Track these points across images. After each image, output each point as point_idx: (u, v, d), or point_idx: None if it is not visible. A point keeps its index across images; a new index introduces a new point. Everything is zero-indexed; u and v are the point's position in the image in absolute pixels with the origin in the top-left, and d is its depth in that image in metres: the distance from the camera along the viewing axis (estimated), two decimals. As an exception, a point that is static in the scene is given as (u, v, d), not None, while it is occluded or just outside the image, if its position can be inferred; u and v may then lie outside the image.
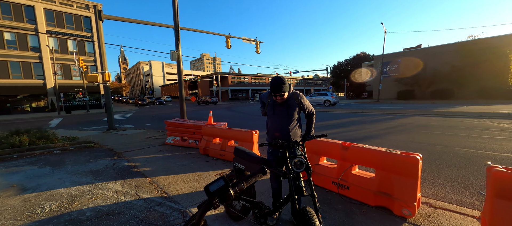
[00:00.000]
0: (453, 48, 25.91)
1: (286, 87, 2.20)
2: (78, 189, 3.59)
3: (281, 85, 2.14)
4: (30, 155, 5.74)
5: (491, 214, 2.10)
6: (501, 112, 11.30)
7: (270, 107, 2.42)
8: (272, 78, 2.24)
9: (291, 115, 2.36)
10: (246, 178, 1.20)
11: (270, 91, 2.24)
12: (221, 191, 1.02)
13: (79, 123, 14.54)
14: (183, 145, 6.38)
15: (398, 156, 2.64)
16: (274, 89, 2.16)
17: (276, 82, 2.16)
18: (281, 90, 2.15)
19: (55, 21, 27.18)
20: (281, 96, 2.21)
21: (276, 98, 2.23)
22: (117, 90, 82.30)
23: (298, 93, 2.40)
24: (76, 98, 29.48)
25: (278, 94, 2.17)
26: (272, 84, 2.18)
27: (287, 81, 2.24)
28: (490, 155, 4.79)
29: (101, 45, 9.50)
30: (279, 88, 2.15)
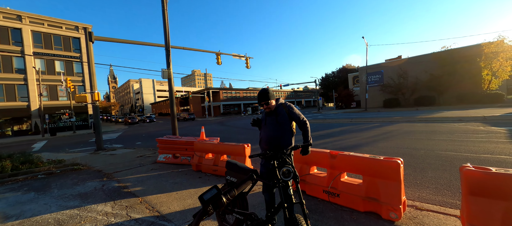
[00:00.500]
0: (430, 58, 27.77)
1: (271, 95, 2.43)
2: (66, 214, 3.46)
3: (266, 94, 2.39)
4: (13, 181, 5.47)
5: (467, 211, 2.26)
6: (477, 116, 12.05)
7: (262, 119, 2.60)
8: (259, 91, 2.49)
9: (281, 125, 2.46)
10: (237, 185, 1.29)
11: (258, 102, 2.47)
12: (214, 199, 1.11)
13: (65, 145, 13.97)
14: (175, 162, 6.31)
15: (382, 162, 2.81)
16: (260, 99, 2.42)
17: (261, 92, 2.44)
18: (267, 98, 2.39)
19: (42, 42, 26.87)
20: (267, 104, 2.43)
21: (263, 107, 2.46)
22: (106, 109, 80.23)
23: (287, 103, 2.55)
24: (62, 119, 28.45)
25: (263, 102, 2.41)
26: (259, 95, 2.45)
27: (274, 92, 2.47)
28: (469, 157, 5.09)
29: (91, 65, 9.51)
30: (265, 96, 2.39)
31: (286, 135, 2.48)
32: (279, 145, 2.43)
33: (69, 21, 28.36)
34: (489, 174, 2.14)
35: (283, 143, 2.45)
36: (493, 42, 22.62)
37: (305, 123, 2.50)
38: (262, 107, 2.48)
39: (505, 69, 22.12)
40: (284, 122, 2.46)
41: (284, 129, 2.47)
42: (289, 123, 2.49)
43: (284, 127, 2.46)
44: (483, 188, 2.17)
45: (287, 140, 2.48)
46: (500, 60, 22.05)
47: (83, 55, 28.78)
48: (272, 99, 2.44)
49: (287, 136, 2.48)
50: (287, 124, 2.48)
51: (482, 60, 23.25)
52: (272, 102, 2.45)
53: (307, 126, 2.50)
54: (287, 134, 2.48)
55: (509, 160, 4.65)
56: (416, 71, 28.40)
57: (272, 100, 2.45)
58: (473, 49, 24.64)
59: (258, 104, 2.52)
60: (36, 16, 26.18)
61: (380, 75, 32.32)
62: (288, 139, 2.49)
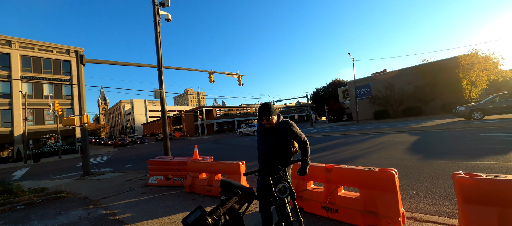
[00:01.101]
0: (412, 70, 29.32)
1: (273, 111, 2.38)
2: (45, 248, 3.17)
3: (268, 109, 2.34)
4: (-13, 214, 5.02)
5: (464, 219, 2.26)
6: (463, 123, 12.52)
7: (260, 135, 2.52)
8: (260, 104, 2.44)
9: (282, 142, 2.42)
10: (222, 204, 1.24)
11: (259, 116, 2.41)
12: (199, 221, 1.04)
13: (49, 172, 13.19)
14: (167, 184, 6.05)
15: (377, 173, 2.81)
16: (262, 113, 2.35)
17: (264, 106, 2.37)
18: (269, 114, 2.33)
19: (31, 66, 26.49)
20: (268, 120, 2.37)
21: (264, 122, 2.40)
22: (95, 131, 77.71)
23: (288, 121, 2.50)
24: (48, 144, 27.17)
25: (264, 117, 2.35)
26: (260, 109, 2.38)
27: (275, 108, 2.45)
28: (460, 164, 5.18)
29: (81, 88, 9.37)
30: (266, 111, 2.33)
31: (287, 154, 2.45)
32: (278, 164, 2.36)
33: (60, 45, 28.40)
34: (480, 181, 2.18)
35: (282, 162, 2.40)
36: (468, 54, 24.32)
37: (306, 143, 2.45)
38: (263, 122, 2.42)
39: (482, 78, 23.57)
40: (285, 141, 2.42)
41: (284, 148, 2.43)
42: (289, 142, 2.46)
43: (284, 147, 2.43)
44: (477, 195, 2.19)
45: (287, 160, 2.43)
46: (477, 70, 23.56)
47: (73, 77, 28.46)
48: (274, 115, 2.39)
49: (287, 155, 2.45)
50: (287, 143, 2.44)
51: (460, 71, 24.77)
52: (274, 118, 2.40)
53: (307, 147, 2.46)
54: (287, 153, 2.45)
55: (498, 165, 4.77)
56: (401, 83, 29.74)
57: (274, 116, 2.39)
58: (451, 61, 26.31)
59: (259, 119, 2.46)
60: (27, 41, 26.09)
61: (368, 88, 33.52)
62: (288, 158, 2.45)
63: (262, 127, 2.52)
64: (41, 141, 26.95)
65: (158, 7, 9.20)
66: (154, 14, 9.17)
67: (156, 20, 9.16)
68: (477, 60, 23.56)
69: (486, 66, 23.20)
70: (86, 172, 9.44)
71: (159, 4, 9.23)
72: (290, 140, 2.46)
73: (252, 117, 61.83)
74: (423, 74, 28.01)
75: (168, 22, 9.68)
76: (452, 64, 25.80)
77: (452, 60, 26.30)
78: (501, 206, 2.06)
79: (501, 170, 4.47)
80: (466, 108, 14.25)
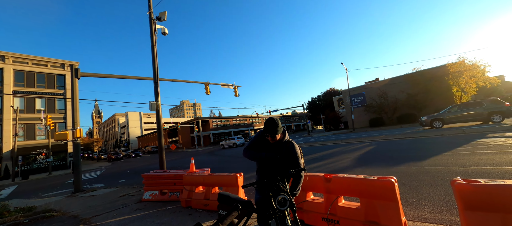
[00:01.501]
0: (404, 79, 30.13)
1: (280, 129, 2.29)
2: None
3: (275, 128, 2.25)
4: (-32, 237, 4.72)
5: (467, 227, 2.22)
6: (457, 129, 12.73)
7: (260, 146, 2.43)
8: (268, 118, 2.36)
9: (282, 164, 2.34)
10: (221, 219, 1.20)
11: (264, 131, 2.32)
12: None
13: (38, 189, 12.64)
14: (162, 199, 5.85)
15: (376, 182, 2.79)
16: (268, 130, 2.25)
17: (271, 123, 2.26)
18: (275, 132, 2.25)
19: (24, 81, 26.13)
20: (273, 138, 2.30)
21: (268, 138, 2.32)
22: (88, 145, 75.85)
23: (293, 143, 2.36)
24: (38, 160, 26.25)
25: (269, 134, 2.27)
26: (267, 125, 2.27)
27: (282, 126, 2.34)
28: (458, 170, 5.20)
29: (75, 101, 9.24)
30: (273, 130, 2.24)
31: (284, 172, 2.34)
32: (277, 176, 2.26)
33: (55, 59, 28.25)
34: (479, 187, 2.17)
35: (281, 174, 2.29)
36: (456, 62, 25.24)
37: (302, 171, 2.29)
38: (267, 137, 2.33)
39: (471, 85, 24.34)
40: (285, 163, 2.36)
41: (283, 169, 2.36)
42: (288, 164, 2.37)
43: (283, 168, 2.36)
44: (477, 202, 2.17)
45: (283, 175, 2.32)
46: (465, 77, 24.37)
47: (67, 91, 28.12)
48: (280, 133, 2.30)
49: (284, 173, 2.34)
50: (287, 164, 2.38)
51: (450, 79, 25.58)
52: (278, 137, 2.32)
53: (302, 174, 2.34)
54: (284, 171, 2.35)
55: (495, 170, 4.81)
56: (394, 91, 30.40)
57: (279, 134, 2.31)
58: (440, 69, 27.21)
59: (264, 133, 2.35)
60: (21, 55, 25.92)
61: (362, 97, 34.09)
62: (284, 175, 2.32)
63: (264, 139, 2.43)
64: (31, 157, 26.04)
65: (154, 21, 9.34)
66: (150, 28, 9.30)
67: (152, 34, 9.27)
68: (465, 68, 24.44)
69: (473, 73, 24.05)
70: (78, 188, 9.08)
71: (156, 19, 9.38)
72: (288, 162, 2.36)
73: (248, 127, 61.65)
74: (414, 82, 28.81)
75: (164, 35, 9.81)
76: (442, 72, 26.68)
77: (441, 68, 27.21)
78: (503, 212, 2.04)
79: (497, 175, 4.50)
80: (428, 118, 15.87)
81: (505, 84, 39.32)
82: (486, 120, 13.69)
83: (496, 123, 13.07)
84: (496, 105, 13.50)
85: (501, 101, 13.55)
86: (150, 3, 9.36)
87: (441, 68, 27.21)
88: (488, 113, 13.49)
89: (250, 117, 63.90)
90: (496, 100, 13.79)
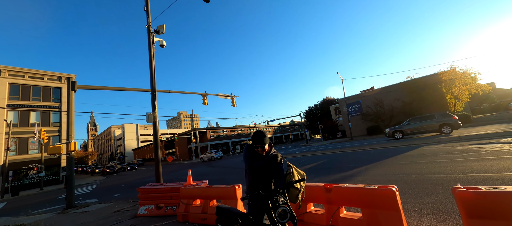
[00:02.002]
0: (398, 87, 30.70)
1: (267, 140, 2.39)
2: None
3: (262, 138, 2.34)
4: (-50, 260, 4.44)
5: (471, 236, 2.17)
6: (453, 136, 12.84)
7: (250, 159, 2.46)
8: (255, 131, 2.46)
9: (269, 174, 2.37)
10: None
11: (253, 143, 2.40)
12: None
13: (28, 206, 12.13)
14: (158, 214, 5.65)
15: (377, 191, 2.74)
16: (257, 141, 2.34)
17: (259, 134, 2.37)
18: (262, 143, 2.33)
19: (20, 94, 25.83)
20: (262, 148, 2.37)
21: (258, 149, 2.38)
22: (82, 159, 74.16)
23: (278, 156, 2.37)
24: (29, 175, 25.42)
25: (259, 145, 2.34)
26: (255, 137, 2.37)
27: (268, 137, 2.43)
28: (457, 177, 5.18)
29: (71, 114, 9.12)
30: (260, 140, 2.33)
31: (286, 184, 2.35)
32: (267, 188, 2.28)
33: (52, 72, 28.16)
34: (480, 194, 2.15)
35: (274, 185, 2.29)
36: (448, 70, 25.93)
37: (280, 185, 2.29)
38: (257, 149, 2.39)
39: (464, 92, 24.88)
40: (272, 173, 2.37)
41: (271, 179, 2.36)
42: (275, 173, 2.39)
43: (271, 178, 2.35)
44: (480, 209, 2.14)
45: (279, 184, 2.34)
46: (458, 85, 24.94)
47: (63, 104, 27.82)
48: (267, 143, 2.40)
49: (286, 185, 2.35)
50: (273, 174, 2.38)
51: (443, 86, 26.14)
52: (266, 147, 2.41)
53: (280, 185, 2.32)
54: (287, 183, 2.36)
55: (494, 177, 4.80)
56: (389, 99, 30.83)
57: (266, 145, 2.40)
58: (433, 77, 27.86)
59: (253, 145, 2.44)
60: (17, 69, 25.82)
61: (359, 105, 34.45)
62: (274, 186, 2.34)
63: (253, 151, 2.48)
64: (23, 172, 25.21)
65: (153, 34, 9.48)
66: (148, 40, 9.41)
67: (150, 46, 9.37)
68: (456, 76, 25.09)
69: (465, 81, 24.66)
70: (70, 204, 8.75)
71: (154, 32, 9.53)
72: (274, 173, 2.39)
73: (246, 137, 61.25)
74: (409, 90, 29.34)
75: (162, 48, 9.92)
76: (434, 80, 27.29)
77: (433, 76, 27.86)
78: (506, 220, 2.01)
79: (497, 182, 4.49)
80: (390, 130, 17.82)
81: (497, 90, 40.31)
82: (438, 131, 15.21)
83: (446, 134, 14.53)
84: (446, 118, 15.08)
85: (449, 114, 15.19)
86: (148, 16, 9.54)
87: (434, 76, 27.87)
88: (439, 125, 15.12)
89: (248, 127, 63.70)
90: (446, 113, 15.42)
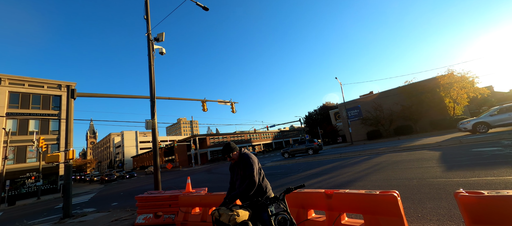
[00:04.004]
0: (397, 91, 30.85)
1: (233, 148, 2.55)
2: None
3: (227, 147, 2.55)
4: None
5: (476, 243, 2.13)
6: (454, 140, 12.79)
7: (231, 172, 2.71)
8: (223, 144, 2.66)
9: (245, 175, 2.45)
10: None
11: (222, 156, 2.67)
12: None
13: (24, 216, 11.92)
14: (157, 223, 5.54)
15: (378, 197, 2.71)
16: (223, 153, 2.58)
17: (224, 146, 2.59)
18: (229, 151, 2.54)
19: (19, 102, 25.83)
20: (230, 157, 2.57)
21: (228, 159, 2.60)
22: (81, 167, 73.42)
23: (246, 153, 2.54)
24: (27, 184, 25.09)
25: (227, 156, 2.56)
26: (222, 149, 2.61)
27: (234, 145, 2.62)
28: (459, 182, 5.13)
29: (70, 122, 9.09)
30: (226, 150, 2.55)
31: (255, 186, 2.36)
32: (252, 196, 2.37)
33: (52, 80, 28.28)
34: (483, 198, 2.12)
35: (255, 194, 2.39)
36: (446, 74, 26.13)
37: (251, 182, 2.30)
38: (227, 160, 2.60)
39: (462, 96, 25.00)
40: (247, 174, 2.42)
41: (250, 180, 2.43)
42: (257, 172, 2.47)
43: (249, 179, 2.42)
44: (483, 214, 2.11)
45: (259, 190, 2.41)
46: (456, 89, 25.08)
47: (62, 112, 27.79)
48: (234, 151, 2.57)
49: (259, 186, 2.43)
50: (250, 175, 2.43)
51: (441, 90, 26.28)
52: (233, 154, 2.56)
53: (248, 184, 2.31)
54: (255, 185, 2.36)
55: (496, 181, 4.75)
56: (389, 103, 30.93)
57: (235, 151, 2.57)
58: (431, 81, 28.04)
59: (223, 156, 2.68)
60: (17, 77, 25.94)
61: (358, 110, 34.51)
62: (259, 189, 2.42)
63: (231, 164, 2.71)
64: (20, 181, 24.90)
65: (152, 42, 9.58)
66: (148, 48, 9.50)
67: (150, 54, 9.44)
68: (454, 80, 25.27)
69: (463, 84, 24.83)
70: (67, 214, 8.60)
71: (154, 40, 9.63)
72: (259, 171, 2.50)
73: (246, 143, 60.97)
74: (407, 95, 29.49)
75: (162, 55, 10.00)
76: (433, 84, 27.46)
77: (431, 81, 28.05)
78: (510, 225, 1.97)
79: (500, 186, 4.44)
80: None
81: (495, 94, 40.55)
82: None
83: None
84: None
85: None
86: (148, 25, 9.67)
87: (432, 80, 28.06)
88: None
89: (248, 133, 63.51)
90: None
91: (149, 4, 9.77)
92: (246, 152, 2.57)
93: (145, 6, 9.72)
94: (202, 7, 10.36)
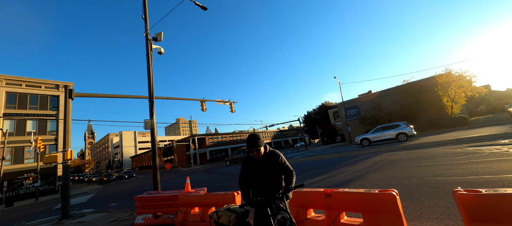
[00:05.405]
0: (396, 90, 30.96)
1: (261, 142, 2.34)
2: None
3: (256, 141, 2.29)
4: None
5: (474, 241, 2.14)
6: (451, 138, 12.87)
7: (248, 167, 2.45)
8: (249, 135, 2.39)
9: (270, 174, 2.34)
10: None
11: (247, 148, 2.35)
12: None
13: (22, 217, 11.85)
14: (156, 223, 5.53)
15: (377, 195, 2.72)
16: (251, 145, 2.29)
17: (252, 137, 2.32)
18: (258, 145, 2.29)
19: (16, 103, 25.65)
20: (257, 151, 2.32)
21: (253, 153, 2.33)
22: (79, 168, 73.09)
23: (276, 152, 2.43)
24: (24, 184, 24.94)
25: (254, 149, 2.29)
26: (248, 141, 2.32)
27: (263, 139, 2.40)
28: (457, 180, 5.16)
29: (68, 122, 9.04)
30: (255, 143, 2.28)
31: (279, 185, 2.36)
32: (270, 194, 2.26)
33: (49, 80, 28.11)
34: (481, 197, 2.14)
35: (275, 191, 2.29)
36: (443, 74, 26.26)
37: (292, 172, 2.36)
38: (252, 153, 2.35)
39: (460, 95, 25.14)
40: (274, 172, 2.35)
41: (276, 179, 2.36)
42: (280, 173, 2.39)
43: (275, 178, 2.36)
44: (481, 212, 2.12)
45: (279, 189, 2.34)
46: (454, 88, 25.22)
47: (60, 112, 27.65)
48: (262, 145, 2.35)
49: (279, 186, 2.36)
50: (278, 174, 2.37)
51: (439, 89, 26.40)
52: (262, 150, 2.36)
53: (293, 178, 2.35)
54: (279, 184, 2.36)
55: (494, 179, 4.79)
56: (387, 103, 31.04)
57: (262, 147, 2.35)
58: (429, 80, 28.17)
59: (247, 150, 2.39)
60: (14, 77, 25.76)
61: (357, 109, 34.61)
62: (279, 188, 2.35)
63: (250, 158, 2.46)
64: (18, 182, 24.75)
65: (151, 42, 9.54)
66: (147, 48, 9.46)
67: (148, 54, 9.40)
68: (452, 79, 25.40)
69: (461, 83, 24.96)
70: (65, 215, 8.55)
71: (152, 39, 9.59)
72: (279, 171, 2.37)
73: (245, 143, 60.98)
74: (406, 94, 29.60)
75: (160, 55, 9.97)
76: (431, 83, 27.59)
77: (429, 80, 28.18)
78: (508, 223, 1.99)
79: (497, 184, 4.48)
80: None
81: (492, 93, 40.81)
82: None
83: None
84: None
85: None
86: (146, 24, 9.62)
87: (430, 79, 28.18)
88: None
89: (247, 132, 63.52)
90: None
91: (147, 4, 9.73)
92: (274, 150, 2.43)
93: (143, 5, 9.67)
94: (201, 7, 10.33)
